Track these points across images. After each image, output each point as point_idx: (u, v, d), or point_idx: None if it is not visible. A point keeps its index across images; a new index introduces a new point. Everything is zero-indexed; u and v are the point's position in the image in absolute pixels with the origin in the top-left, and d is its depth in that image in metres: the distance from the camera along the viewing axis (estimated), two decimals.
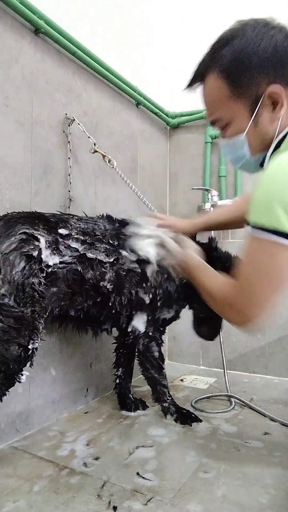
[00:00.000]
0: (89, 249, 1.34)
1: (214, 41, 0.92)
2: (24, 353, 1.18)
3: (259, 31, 0.86)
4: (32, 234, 1.22)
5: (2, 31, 1.42)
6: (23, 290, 1.17)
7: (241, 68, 0.86)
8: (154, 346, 1.56)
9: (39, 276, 1.21)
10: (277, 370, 2.24)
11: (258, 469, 1.22)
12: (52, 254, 1.25)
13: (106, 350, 1.93)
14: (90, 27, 1.93)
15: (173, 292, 1.55)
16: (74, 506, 1.04)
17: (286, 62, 0.84)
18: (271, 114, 0.87)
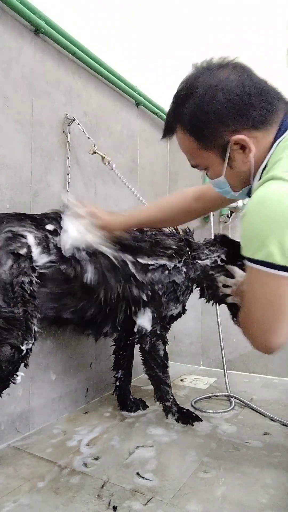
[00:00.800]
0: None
1: (174, 94, 0.93)
2: (18, 354, 1.16)
3: (212, 83, 0.85)
4: (19, 232, 1.20)
5: (2, 31, 1.42)
6: (12, 290, 1.14)
7: (202, 124, 0.88)
8: (160, 344, 1.55)
9: (29, 275, 1.19)
10: (277, 370, 2.24)
11: (258, 469, 1.22)
12: (42, 252, 1.23)
13: (106, 350, 1.93)
14: (90, 27, 1.93)
15: (181, 284, 1.53)
16: (74, 506, 1.04)
17: (244, 109, 0.85)
18: (242, 156, 0.89)
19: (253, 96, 0.85)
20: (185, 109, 0.89)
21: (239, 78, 0.85)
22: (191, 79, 0.89)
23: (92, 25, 1.95)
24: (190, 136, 0.92)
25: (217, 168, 0.94)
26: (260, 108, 0.85)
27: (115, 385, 1.74)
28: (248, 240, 0.82)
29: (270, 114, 0.86)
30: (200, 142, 0.92)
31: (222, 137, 0.88)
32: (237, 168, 0.92)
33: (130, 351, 1.74)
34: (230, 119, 0.86)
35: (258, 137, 0.87)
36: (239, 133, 0.86)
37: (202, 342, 2.49)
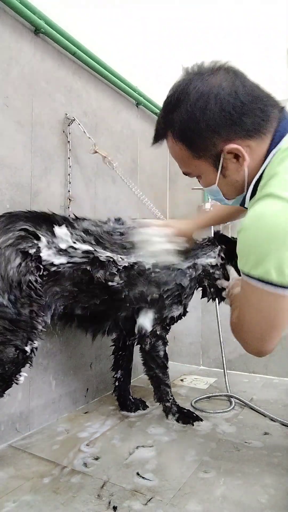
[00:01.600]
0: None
1: (164, 101, 0.90)
2: (22, 355, 1.16)
3: (203, 90, 0.82)
4: (32, 232, 1.19)
5: (2, 31, 1.42)
6: (20, 288, 1.13)
7: (193, 134, 0.85)
8: (160, 345, 1.55)
9: (35, 274, 1.18)
10: (277, 370, 2.24)
11: (258, 469, 1.22)
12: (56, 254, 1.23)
13: (106, 350, 1.93)
14: (90, 27, 1.93)
15: (186, 286, 1.53)
16: (74, 506, 1.04)
17: (236, 118, 0.82)
18: (236, 165, 0.87)
19: (246, 104, 0.82)
20: (176, 116, 0.86)
21: (232, 85, 0.82)
22: (182, 85, 0.86)
23: (92, 25, 1.95)
24: (181, 145, 0.89)
25: (210, 177, 0.92)
26: (253, 116, 0.83)
27: (115, 385, 1.75)
28: (245, 256, 0.81)
29: (263, 122, 0.84)
30: (191, 150, 0.89)
31: (215, 146, 0.85)
32: (230, 177, 0.90)
33: (130, 352, 1.74)
34: (223, 128, 0.83)
35: (252, 146, 0.85)
36: (232, 142, 0.84)
37: (202, 342, 2.49)
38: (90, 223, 1.39)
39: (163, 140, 0.95)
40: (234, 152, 0.85)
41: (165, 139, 0.94)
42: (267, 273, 0.77)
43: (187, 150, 0.90)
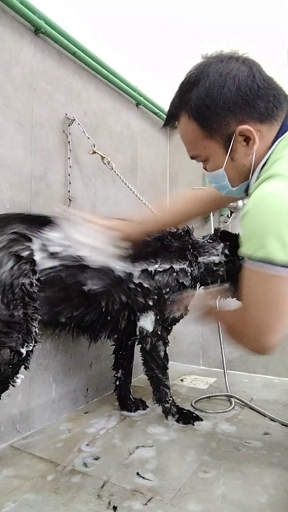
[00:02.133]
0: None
1: (182, 81, 0.92)
2: (17, 357, 1.15)
3: (222, 71, 0.85)
4: (23, 234, 1.19)
5: (2, 31, 1.42)
6: (12, 291, 1.13)
7: (208, 111, 0.87)
8: (160, 345, 1.55)
9: (30, 277, 1.18)
10: (277, 370, 2.24)
11: (257, 469, 1.22)
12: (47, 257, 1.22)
13: (106, 350, 1.93)
14: (90, 27, 1.93)
15: (188, 286, 1.54)
16: (74, 506, 1.04)
17: (252, 100, 0.85)
18: (245, 149, 0.89)
19: (262, 88, 0.85)
20: (193, 95, 0.88)
21: (249, 70, 0.85)
22: (201, 67, 0.88)
23: (92, 25, 1.95)
24: (194, 123, 0.90)
25: (218, 159, 0.92)
26: (267, 101, 0.85)
27: (115, 385, 1.74)
28: (247, 239, 0.81)
29: (276, 109, 0.86)
30: (204, 129, 0.90)
31: (228, 126, 0.87)
32: (239, 160, 0.91)
33: (130, 351, 1.74)
34: (238, 109, 0.85)
35: (263, 131, 0.87)
36: (245, 123, 0.86)
37: (202, 342, 2.49)
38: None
39: (175, 122, 0.96)
40: (245, 134, 0.86)
41: (177, 121, 0.95)
42: (271, 253, 0.76)
43: (199, 129, 0.91)
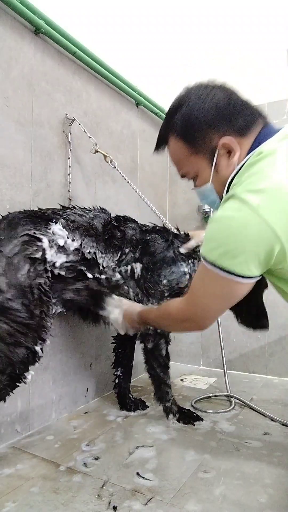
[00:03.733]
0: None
1: (167, 111, 1.06)
2: (32, 355, 1.19)
3: (201, 94, 0.97)
4: (34, 235, 1.22)
5: (2, 31, 1.42)
6: (32, 292, 1.17)
7: (192, 129, 0.98)
8: (162, 344, 1.55)
9: (44, 276, 1.21)
10: (277, 370, 2.24)
11: (257, 469, 1.22)
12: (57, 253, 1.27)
13: (106, 350, 1.93)
14: (90, 27, 1.93)
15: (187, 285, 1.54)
16: (74, 506, 1.04)
17: (229, 116, 0.96)
18: (227, 161, 0.98)
19: (237, 105, 0.97)
20: (177, 116, 1.00)
21: (226, 92, 0.98)
22: (182, 95, 1.01)
23: (92, 25, 1.95)
24: (181, 141, 1.01)
25: (205, 173, 1.02)
26: (243, 116, 0.96)
27: (114, 383, 1.75)
28: (207, 243, 0.93)
29: (250, 124, 0.96)
30: (190, 146, 1.01)
31: (211, 140, 0.97)
32: (222, 173, 1.00)
33: (130, 350, 1.74)
34: (218, 123, 0.96)
35: (241, 143, 0.96)
36: (226, 136, 0.96)
37: (202, 342, 2.49)
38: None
39: (165, 146, 1.08)
40: (227, 146, 0.96)
41: (166, 144, 1.07)
42: (220, 259, 0.89)
43: (186, 147, 1.01)
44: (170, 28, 2.60)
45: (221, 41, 2.48)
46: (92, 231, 1.41)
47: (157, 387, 1.58)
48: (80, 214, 1.42)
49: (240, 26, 2.41)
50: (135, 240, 1.53)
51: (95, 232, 1.41)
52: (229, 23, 2.44)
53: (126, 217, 1.59)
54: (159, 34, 2.56)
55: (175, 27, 2.60)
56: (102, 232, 1.44)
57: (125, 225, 1.55)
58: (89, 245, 1.37)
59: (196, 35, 2.55)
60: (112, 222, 1.51)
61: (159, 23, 2.56)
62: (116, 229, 1.50)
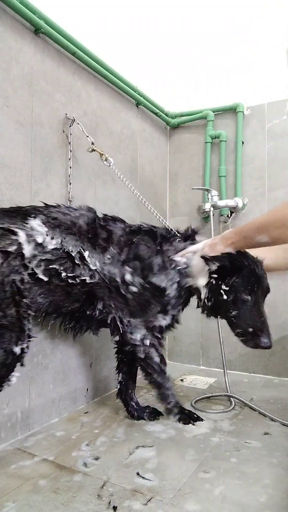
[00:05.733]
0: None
1: None
2: (11, 357, 1.13)
3: None
4: (7, 228, 1.16)
5: (2, 31, 1.42)
6: (3, 290, 1.11)
7: None
8: (153, 352, 1.51)
9: (21, 273, 1.15)
10: (277, 370, 2.24)
11: (257, 469, 1.22)
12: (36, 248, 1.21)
13: (106, 350, 1.93)
14: (90, 27, 1.93)
15: (172, 296, 1.49)
16: (74, 506, 1.04)
17: None
18: None
19: None
20: None
21: None
22: None
23: (92, 25, 1.95)
24: None
25: None
26: None
27: (118, 389, 1.69)
28: None
29: None
30: None
31: None
32: None
33: (132, 355, 1.62)
34: None
35: None
36: None
37: (202, 342, 2.49)
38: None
39: None
40: None
41: None
42: None
43: None
44: (170, 28, 2.60)
45: (221, 41, 2.48)
46: (75, 230, 1.35)
47: (157, 391, 1.57)
48: (64, 212, 1.37)
49: (240, 26, 2.41)
50: (123, 242, 1.47)
51: (78, 231, 1.36)
52: (229, 23, 2.44)
53: (115, 217, 1.53)
54: (159, 34, 2.56)
55: (175, 27, 2.60)
56: (86, 231, 1.39)
57: (114, 225, 1.49)
58: (71, 244, 1.31)
59: (196, 35, 2.55)
60: (98, 221, 1.45)
61: (159, 23, 2.56)
62: (102, 228, 1.44)
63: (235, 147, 2.39)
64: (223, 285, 1.42)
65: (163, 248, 1.51)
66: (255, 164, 2.36)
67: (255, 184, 2.35)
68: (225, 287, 1.41)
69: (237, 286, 1.40)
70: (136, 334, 1.48)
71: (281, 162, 2.28)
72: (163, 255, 1.49)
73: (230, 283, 1.41)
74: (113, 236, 1.45)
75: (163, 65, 2.58)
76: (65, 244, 1.29)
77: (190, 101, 2.57)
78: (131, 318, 1.47)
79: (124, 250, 1.45)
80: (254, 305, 1.40)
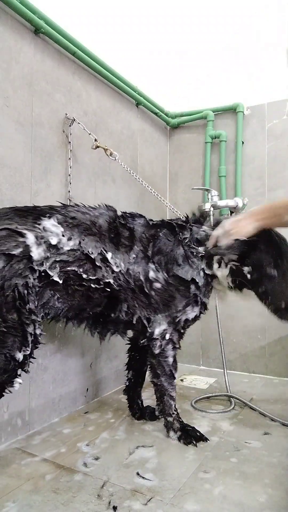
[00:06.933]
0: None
1: None
2: (13, 363, 1.08)
3: None
4: (15, 230, 1.10)
5: (2, 31, 1.42)
6: (4, 294, 1.05)
7: None
8: (169, 350, 1.43)
9: (26, 277, 1.09)
10: (277, 370, 2.24)
11: (257, 469, 1.23)
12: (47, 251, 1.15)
13: (106, 350, 1.93)
14: (90, 27, 1.93)
15: (202, 285, 1.42)
16: (74, 506, 1.04)
17: None
18: None
19: None
20: None
21: None
22: None
23: (92, 25, 1.95)
24: None
25: None
26: None
27: (125, 385, 1.66)
28: None
29: None
30: None
31: None
32: None
33: (144, 353, 1.57)
34: None
35: None
36: None
37: (202, 342, 2.49)
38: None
39: None
40: None
41: None
42: None
43: None
44: (170, 28, 2.60)
45: (221, 41, 2.47)
46: (95, 230, 1.29)
47: (160, 398, 1.46)
48: (83, 211, 1.32)
49: (240, 26, 2.41)
50: (145, 238, 1.40)
51: (98, 231, 1.30)
52: (229, 24, 2.44)
53: (133, 214, 1.46)
54: (159, 34, 2.55)
55: (175, 27, 2.60)
56: (107, 230, 1.33)
57: (134, 222, 1.43)
58: (91, 245, 1.25)
59: (196, 35, 2.55)
60: (119, 220, 1.39)
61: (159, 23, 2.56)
62: (123, 227, 1.38)
63: (235, 147, 2.39)
64: (244, 268, 1.37)
65: (182, 237, 1.45)
66: (255, 164, 2.36)
67: (255, 184, 2.35)
68: (247, 267, 1.37)
69: (258, 263, 1.34)
70: (156, 329, 1.41)
71: (281, 162, 2.28)
72: (185, 244, 1.44)
73: (250, 263, 1.36)
74: (135, 233, 1.39)
75: (163, 65, 2.58)
76: (84, 246, 1.24)
77: (190, 101, 2.57)
78: (155, 314, 1.41)
79: (149, 246, 1.40)
80: (282, 279, 1.34)
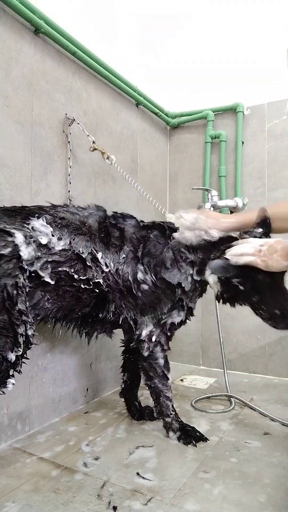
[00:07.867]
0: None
1: None
2: (5, 363, 1.07)
3: None
4: (3, 230, 1.09)
5: (2, 31, 1.42)
6: None
7: None
8: (158, 352, 1.42)
9: (15, 276, 1.08)
10: (277, 370, 2.24)
11: (257, 469, 1.23)
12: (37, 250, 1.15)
13: (106, 350, 1.93)
14: (90, 27, 1.93)
15: (189, 290, 1.41)
16: (74, 506, 1.04)
17: None
18: None
19: None
20: None
21: None
22: None
23: (92, 25, 1.95)
24: None
25: None
26: None
27: (121, 388, 1.66)
28: None
29: None
30: None
31: None
32: None
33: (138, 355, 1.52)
34: None
35: None
36: None
37: (202, 342, 2.49)
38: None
39: None
40: None
41: None
42: None
43: None
44: (170, 28, 2.60)
45: (220, 41, 2.47)
46: (85, 230, 1.30)
47: (156, 400, 1.45)
48: (73, 212, 1.32)
49: (240, 26, 2.41)
50: (135, 239, 1.40)
51: (88, 231, 1.31)
52: (229, 23, 2.44)
53: (124, 214, 1.46)
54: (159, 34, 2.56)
55: (175, 27, 2.60)
56: (97, 230, 1.33)
57: (124, 222, 1.42)
58: (81, 244, 1.25)
59: (196, 35, 2.55)
60: (109, 220, 1.39)
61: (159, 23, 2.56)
62: (113, 227, 1.38)
63: (235, 147, 2.39)
64: (234, 279, 1.31)
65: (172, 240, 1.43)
66: (255, 164, 2.36)
67: (255, 184, 2.35)
68: (237, 278, 1.30)
69: (249, 272, 1.27)
70: (143, 330, 1.41)
71: (281, 162, 2.28)
72: (174, 248, 1.41)
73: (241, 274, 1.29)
74: (125, 234, 1.39)
75: (163, 65, 2.58)
76: (75, 245, 1.24)
77: (190, 101, 2.57)
78: (141, 315, 1.41)
79: (139, 247, 1.39)
80: (274, 286, 1.30)
